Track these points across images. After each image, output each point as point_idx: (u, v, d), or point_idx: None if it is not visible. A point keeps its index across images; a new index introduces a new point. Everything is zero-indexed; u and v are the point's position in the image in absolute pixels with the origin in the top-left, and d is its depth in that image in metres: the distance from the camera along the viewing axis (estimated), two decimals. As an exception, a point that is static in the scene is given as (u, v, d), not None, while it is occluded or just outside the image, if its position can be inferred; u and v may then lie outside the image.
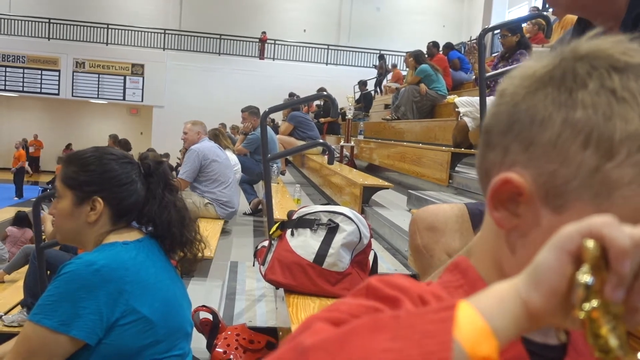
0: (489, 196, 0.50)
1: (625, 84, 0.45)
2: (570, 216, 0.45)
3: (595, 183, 0.45)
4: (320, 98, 3.71)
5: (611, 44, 0.47)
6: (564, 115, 0.46)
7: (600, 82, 0.45)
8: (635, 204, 0.44)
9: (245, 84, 19.54)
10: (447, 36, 16.05)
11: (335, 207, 2.15)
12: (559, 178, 0.46)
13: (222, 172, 4.76)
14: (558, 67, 0.48)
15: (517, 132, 0.48)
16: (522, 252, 0.49)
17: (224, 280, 3.25)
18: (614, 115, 0.44)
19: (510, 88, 0.50)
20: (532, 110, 0.47)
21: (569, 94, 0.46)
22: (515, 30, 5.48)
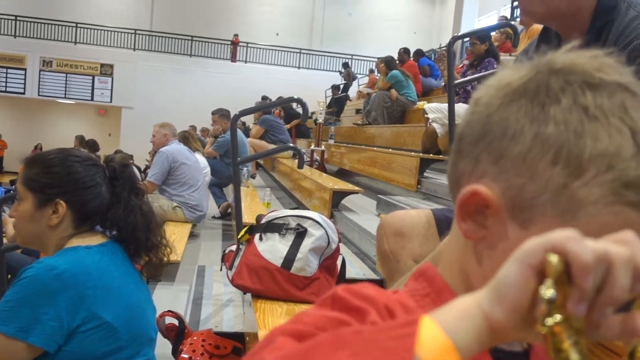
0: (457, 207, 0.50)
1: (598, 102, 0.45)
2: (536, 231, 0.45)
3: (563, 200, 0.45)
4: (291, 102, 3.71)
5: (587, 59, 0.47)
6: (536, 130, 0.46)
7: (573, 99, 0.45)
8: (600, 223, 0.44)
9: (217, 86, 19.41)
10: (418, 43, 16.22)
11: (304, 212, 2.15)
12: (527, 193, 0.46)
13: (192, 175, 4.71)
14: (533, 79, 0.47)
15: (489, 142, 0.48)
16: (488, 264, 0.49)
17: (191, 284, 3.21)
18: (585, 133, 0.44)
19: (485, 97, 0.50)
20: (504, 123, 0.47)
21: (542, 108, 0.46)
22: (484, 38, 5.57)
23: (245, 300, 2.54)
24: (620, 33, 1.20)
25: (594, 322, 0.37)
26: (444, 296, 0.51)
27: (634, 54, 1.16)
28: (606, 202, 0.44)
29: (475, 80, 4.77)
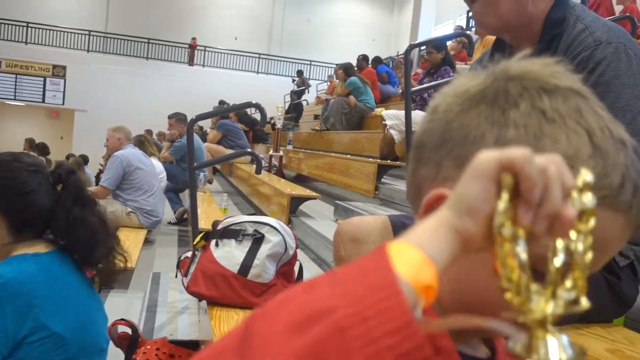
0: (423, 211, 0.49)
1: (554, 105, 0.46)
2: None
3: None
4: (249, 107, 3.69)
5: (540, 66, 0.48)
6: (497, 134, 0.46)
7: (531, 103, 0.46)
8: None
9: (174, 90, 19.14)
10: (376, 50, 16.40)
11: (261, 218, 2.13)
12: None
13: (147, 180, 4.63)
14: (491, 86, 0.48)
15: (450, 148, 0.49)
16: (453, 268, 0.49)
17: (146, 292, 3.14)
18: (544, 136, 0.45)
19: (443, 105, 0.51)
20: (465, 128, 0.48)
21: (502, 112, 0.47)
22: (440, 47, 5.68)
23: (201, 307, 2.50)
24: (569, 45, 1.24)
25: (536, 234, 0.39)
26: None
27: (582, 65, 1.20)
28: None
29: (431, 87, 4.85)
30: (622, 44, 1.19)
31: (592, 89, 1.21)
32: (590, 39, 1.21)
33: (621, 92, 1.17)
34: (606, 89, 1.17)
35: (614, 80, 1.17)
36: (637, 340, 1.21)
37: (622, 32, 1.24)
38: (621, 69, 1.18)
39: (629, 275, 1.31)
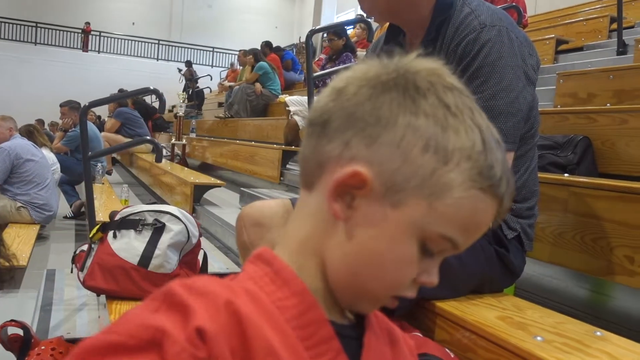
0: (333, 187, 0.52)
1: (456, 101, 0.52)
2: (405, 211, 0.50)
3: (431, 184, 0.50)
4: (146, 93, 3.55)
5: (438, 65, 0.54)
6: (408, 120, 0.50)
7: (437, 97, 0.51)
8: (463, 205, 0.51)
9: (67, 77, 18.08)
10: (279, 37, 16.38)
11: (161, 206, 2.07)
12: (400, 176, 0.50)
13: (38, 173, 4.36)
14: (402, 77, 0.52)
15: (360, 128, 0.51)
16: (353, 242, 0.52)
17: (39, 290, 2.96)
18: (449, 128, 0.50)
19: (352, 87, 0.53)
20: (377, 111, 0.51)
21: (413, 101, 0.51)
22: (341, 34, 5.75)
23: (100, 302, 2.40)
24: (456, 28, 1.29)
25: None
26: (282, 275, 0.53)
27: (469, 47, 1.25)
28: (465, 186, 0.50)
29: (333, 73, 4.91)
30: (504, 27, 1.26)
31: (478, 70, 1.27)
32: (475, 22, 1.26)
33: (505, 72, 1.23)
34: (491, 69, 1.23)
35: (497, 61, 1.23)
36: (524, 307, 1.29)
37: (505, 15, 1.31)
38: (504, 50, 1.24)
39: (516, 247, 1.40)
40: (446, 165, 0.50)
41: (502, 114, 1.23)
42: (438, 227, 0.51)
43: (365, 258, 0.52)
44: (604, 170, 2.22)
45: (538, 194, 1.46)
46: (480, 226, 0.54)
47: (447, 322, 1.25)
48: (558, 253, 1.66)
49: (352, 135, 0.51)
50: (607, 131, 2.21)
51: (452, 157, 0.50)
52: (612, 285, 1.63)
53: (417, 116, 0.50)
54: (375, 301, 0.56)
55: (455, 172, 0.50)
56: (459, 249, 0.54)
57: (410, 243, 0.52)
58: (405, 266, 0.53)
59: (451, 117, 0.51)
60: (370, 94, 0.52)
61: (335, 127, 0.52)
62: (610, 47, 4.89)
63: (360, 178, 0.50)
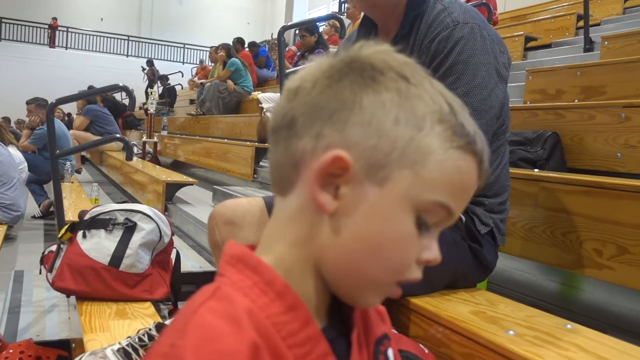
0: (315, 177, 0.50)
1: (413, 73, 0.53)
2: (392, 186, 0.50)
3: (411, 152, 0.50)
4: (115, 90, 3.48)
5: (387, 46, 0.54)
6: (373, 98, 0.50)
7: (394, 71, 0.52)
8: (446, 167, 0.51)
9: (33, 74, 17.68)
10: (252, 33, 16.29)
11: (132, 205, 2.03)
12: (380, 152, 0.50)
13: (4, 172, 4.24)
14: (356, 60, 0.52)
15: (328, 117, 0.51)
16: (347, 232, 0.51)
17: (7, 292, 2.89)
18: (413, 97, 0.51)
19: (308, 83, 0.52)
20: (340, 95, 0.51)
21: (373, 80, 0.51)
22: (313, 30, 5.74)
23: (71, 304, 2.35)
24: (429, 25, 1.29)
25: None
26: (275, 286, 0.50)
27: (442, 44, 1.26)
28: (444, 148, 0.51)
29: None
30: (477, 24, 1.27)
31: (452, 67, 1.28)
32: (448, 19, 1.27)
33: (478, 70, 1.24)
34: (464, 67, 1.24)
35: (470, 59, 1.24)
36: (497, 302, 1.31)
37: (477, 13, 1.32)
38: (477, 48, 1.25)
39: (489, 242, 1.41)
40: (421, 131, 0.50)
41: (475, 110, 1.24)
42: (429, 194, 0.51)
43: (363, 246, 0.51)
44: (572, 165, 2.26)
45: (509, 189, 1.48)
46: (467, 188, 0.53)
47: (421, 317, 1.26)
48: (529, 247, 1.68)
49: (321, 126, 0.51)
50: (575, 127, 2.26)
51: (425, 123, 0.50)
52: (581, 278, 1.66)
53: (379, 93, 0.50)
54: (381, 291, 0.54)
55: (431, 136, 0.50)
56: (454, 216, 0.54)
57: (406, 218, 0.51)
58: (407, 244, 0.52)
59: (413, 87, 0.51)
60: (328, 83, 0.52)
61: (302, 123, 0.52)
62: (577, 44, 4.99)
63: (341, 163, 0.49)
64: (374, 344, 0.59)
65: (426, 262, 0.54)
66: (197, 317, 0.46)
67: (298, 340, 0.49)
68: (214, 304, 0.48)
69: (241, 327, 0.46)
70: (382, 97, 0.50)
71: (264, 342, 0.46)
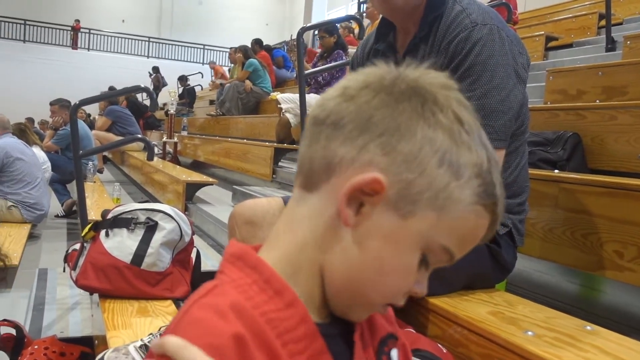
0: (348, 191, 0.51)
1: (468, 119, 0.53)
2: (414, 222, 0.51)
3: (443, 197, 0.51)
4: (137, 91, 3.53)
5: (450, 81, 0.55)
6: (426, 132, 0.51)
7: (454, 113, 0.52)
8: (466, 219, 0.52)
9: (56, 75, 17.95)
10: (270, 34, 16.36)
11: (154, 205, 2.06)
12: (415, 187, 0.50)
13: (29, 171, 4.33)
14: (421, 88, 0.53)
15: (378, 135, 0.51)
16: (356, 251, 0.52)
17: (31, 290, 2.95)
18: (463, 144, 0.52)
19: (367, 92, 0.53)
20: (397, 119, 0.51)
21: (432, 114, 0.51)
22: (332, 31, 5.75)
23: (93, 301, 2.39)
24: (448, 26, 1.30)
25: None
26: (273, 284, 0.52)
27: (461, 45, 1.26)
28: (471, 201, 0.52)
29: (325, 70, 4.91)
30: (495, 25, 1.27)
31: (470, 68, 1.28)
32: (467, 20, 1.27)
33: (496, 71, 1.24)
34: (483, 68, 1.24)
35: (489, 60, 1.24)
36: (515, 302, 1.31)
37: (495, 14, 1.32)
38: (495, 49, 1.25)
39: (507, 243, 1.41)
40: (458, 180, 0.51)
41: (493, 112, 1.24)
42: (441, 239, 0.53)
43: (368, 266, 0.53)
44: (593, 166, 2.24)
45: (529, 190, 1.47)
46: (475, 240, 0.56)
47: (440, 317, 1.26)
48: (548, 248, 1.67)
49: (368, 140, 0.51)
50: (596, 127, 2.23)
51: (464, 173, 0.51)
52: (601, 280, 1.65)
53: (435, 129, 0.51)
54: (370, 309, 0.57)
55: (466, 188, 0.51)
56: (453, 261, 0.56)
57: (414, 253, 0.53)
58: (406, 276, 0.54)
59: (465, 134, 0.52)
60: (388, 100, 0.52)
61: (350, 130, 0.52)
62: (599, 44, 4.92)
63: (378, 185, 0.50)
64: (378, 344, 0.60)
65: (414, 293, 0.56)
66: (189, 314, 0.49)
67: (294, 337, 0.50)
68: (208, 300, 0.50)
69: (226, 320, 0.47)
70: (436, 134, 0.51)
71: (252, 336, 0.47)
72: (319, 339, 0.52)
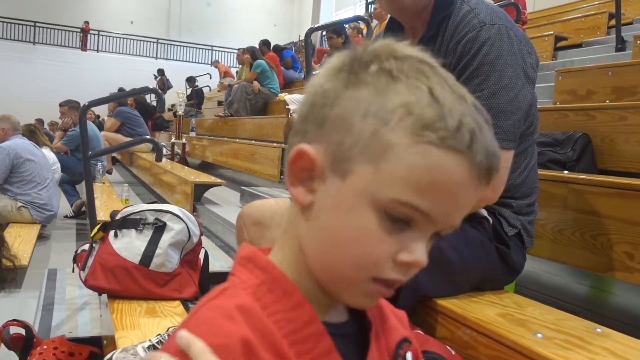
0: (288, 171, 0.52)
1: (399, 67, 0.50)
2: (352, 179, 0.49)
3: (373, 145, 0.48)
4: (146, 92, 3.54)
5: (398, 42, 0.53)
6: (350, 94, 0.50)
7: (379, 66, 0.50)
8: (409, 163, 0.48)
9: (66, 77, 18.05)
10: (279, 35, 16.38)
11: (162, 206, 2.07)
12: (344, 145, 0.49)
13: (38, 172, 4.36)
14: (351, 56, 0.52)
15: (314, 113, 0.52)
16: (315, 227, 0.52)
17: (41, 290, 2.97)
18: (390, 91, 0.49)
19: (312, 81, 0.54)
20: (326, 93, 0.51)
21: (355, 75, 0.51)
22: (340, 32, 5.75)
23: (102, 301, 2.40)
24: (456, 26, 1.29)
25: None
26: (281, 284, 0.52)
27: (469, 45, 1.26)
28: (410, 142, 0.48)
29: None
30: (504, 25, 1.26)
31: (478, 68, 1.28)
32: (475, 20, 1.27)
33: (504, 71, 1.24)
34: (491, 68, 1.23)
35: (497, 60, 1.23)
36: (525, 304, 1.30)
37: (504, 14, 1.31)
38: (504, 49, 1.24)
39: (517, 244, 1.40)
40: (386, 125, 0.48)
41: (502, 112, 1.23)
42: (389, 192, 0.48)
43: (327, 237, 0.51)
44: (603, 167, 2.22)
45: (538, 191, 1.46)
46: (447, 190, 0.49)
47: (448, 319, 1.25)
48: (558, 250, 1.66)
49: (309, 123, 0.52)
50: (606, 128, 2.22)
51: (393, 116, 0.48)
52: (612, 282, 1.64)
53: (359, 88, 0.50)
54: (358, 287, 0.52)
55: (397, 130, 0.48)
56: (432, 218, 0.49)
57: (367, 213, 0.49)
58: (368, 240, 0.49)
59: (392, 82, 0.49)
60: (324, 81, 0.52)
61: (299, 121, 0.54)
62: (608, 44, 4.89)
63: (305, 156, 0.51)
64: (395, 346, 0.60)
65: (405, 264, 0.50)
66: (198, 314, 0.50)
67: (301, 337, 0.50)
68: (218, 301, 0.51)
69: (234, 321, 0.48)
70: (359, 93, 0.50)
71: (260, 337, 0.48)
72: (326, 339, 0.51)
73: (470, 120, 0.49)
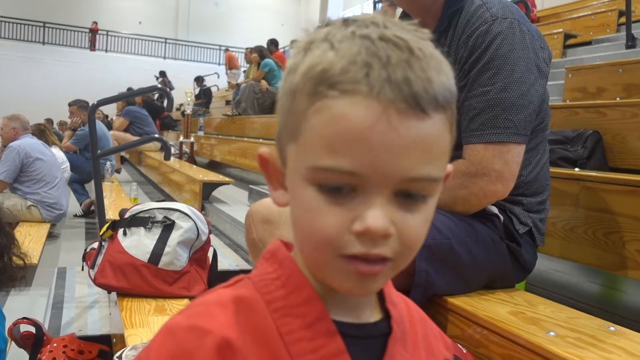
0: (265, 175, 0.53)
1: (313, 39, 0.47)
2: (288, 163, 0.48)
3: (290, 122, 0.47)
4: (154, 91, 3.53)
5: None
6: (284, 84, 0.49)
7: (306, 42, 0.47)
8: (311, 125, 0.45)
9: (75, 76, 18.15)
10: (286, 34, 16.32)
11: (171, 204, 2.07)
12: (280, 132, 0.50)
13: (48, 171, 4.38)
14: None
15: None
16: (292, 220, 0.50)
17: (50, 288, 2.98)
18: (300, 63, 0.46)
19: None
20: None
21: (302, 57, 0.47)
22: (348, 30, 5.73)
23: (111, 300, 2.41)
24: (467, 20, 1.28)
25: None
26: (295, 279, 0.51)
27: (480, 39, 1.25)
28: (308, 104, 0.45)
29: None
30: (516, 19, 1.25)
31: (490, 62, 1.27)
32: (487, 14, 1.26)
33: (516, 65, 1.22)
34: (502, 61, 1.22)
35: (509, 54, 1.22)
36: (536, 302, 1.29)
37: (516, 9, 1.30)
38: (516, 42, 1.23)
39: (528, 242, 1.39)
40: (295, 98, 0.46)
41: (513, 106, 1.22)
42: (308, 162, 0.45)
43: (295, 228, 0.49)
44: (614, 165, 2.20)
45: (549, 189, 1.45)
46: (353, 135, 0.43)
47: (459, 317, 1.24)
48: (569, 248, 1.65)
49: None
50: (617, 125, 2.20)
51: (297, 86, 0.46)
52: (624, 280, 1.62)
53: (292, 76, 0.48)
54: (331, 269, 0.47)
55: (300, 99, 0.45)
56: (363, 176, 0.44)
57: (305, 190, 0.46)
58: (314, 215, 0.45)
59: (308, 53, 0.46)
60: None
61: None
62: (618, 41, 4.85)
63: (263, 159, 0.51)
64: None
65: (359, 233, 0.44)
66: (201, 298, 0.51)
67: (308, 334, 0.48)
68: (224, 290, 0.51)
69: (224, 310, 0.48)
70: (295, 78, 0.47)
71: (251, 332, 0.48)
72: (336, 340, 0.49)
73: (365, 56, 0.43)
